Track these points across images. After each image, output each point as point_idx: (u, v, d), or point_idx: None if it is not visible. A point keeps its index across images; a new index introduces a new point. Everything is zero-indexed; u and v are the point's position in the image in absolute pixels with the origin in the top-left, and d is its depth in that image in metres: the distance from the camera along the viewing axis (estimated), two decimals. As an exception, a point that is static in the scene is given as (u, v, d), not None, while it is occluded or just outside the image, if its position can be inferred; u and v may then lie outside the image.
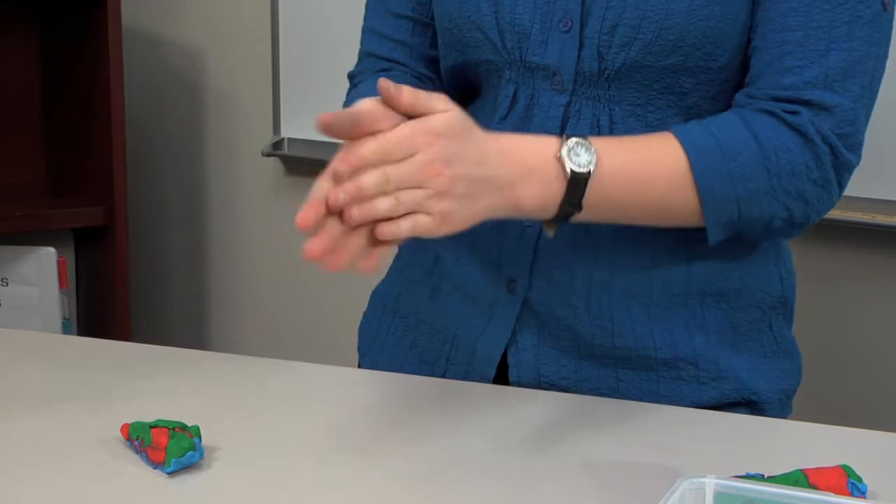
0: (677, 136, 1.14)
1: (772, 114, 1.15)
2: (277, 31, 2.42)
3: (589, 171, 1.09)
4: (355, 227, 1.02)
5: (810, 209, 1.17)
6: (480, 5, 1.22)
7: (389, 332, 1.36)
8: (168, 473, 1.04)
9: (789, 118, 1.14)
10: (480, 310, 1.27)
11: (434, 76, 1.32)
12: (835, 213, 1.94)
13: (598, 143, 1.11)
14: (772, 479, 0.99)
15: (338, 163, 1.01)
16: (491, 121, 1.22)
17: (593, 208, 1.11)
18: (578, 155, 1.09)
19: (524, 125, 1.22)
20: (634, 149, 1.14)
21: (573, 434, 1.14)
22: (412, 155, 1.02)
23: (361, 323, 1.42)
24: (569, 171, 1.08)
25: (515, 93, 1.23)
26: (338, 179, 1.01)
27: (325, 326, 2.53)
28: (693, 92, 1.19)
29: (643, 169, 1.13)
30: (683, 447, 1.12)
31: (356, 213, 1.01)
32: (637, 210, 1.15)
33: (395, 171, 1.01)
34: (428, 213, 1.03)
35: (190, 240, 2.68)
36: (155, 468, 1.05)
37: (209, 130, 2.61)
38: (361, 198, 1.00)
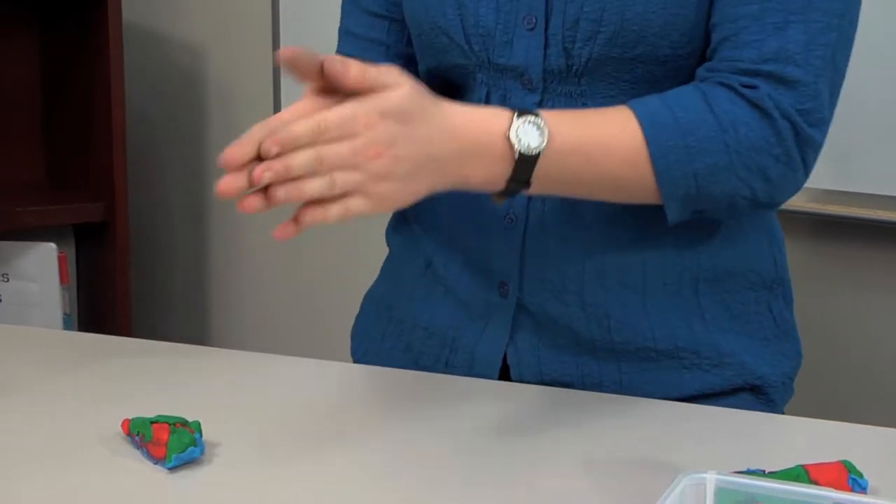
0: (634, 109, 1.11)
1: (730, 87, 1.12)
2: (278, 27, 2.42)
3: (538, 153, 1.06)
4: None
5: (774, 188, 1.13)
6: (445, 10, 1.21)
7: (385, 335, 1.35)
8: (169, 469, 1.04)
9: (747, 92, 1.11)
10: (475, 314, 1.26)
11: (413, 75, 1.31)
12: (836, 210, 1.94)
13: (551, 118, 1.07)
14: (772, 475, 0.99)
15: (268, 142, 0.97)
16: None
17: (542, 182, 1.08)
18: (529, 134, 1.06)
19: None
20: (587, 124, 1.11)
21: (573, 430, 1.14)
22: (352, 136, 0.99)
23: (354, 326, 1.41)
24: (517, 153, 1.06)
25: (488, 94, 1.22)
26: (266, 157, 0.98)
27: (325, 322, 2.53)
28: (665, 80, 1.16)
29: (596, 145, 1.10)
30: (684, 443, 1.12)
31: (281, 193, 0.98)
32: (588, 185, 1.12)
33: (330, 152, 0.98)
34: (364, 195, 1.00)
35: (191, 236, 2.68)
36: (156, 464, 1.05)
37: (210, 127, 2.61)
38: (288, 177, 0.97)
